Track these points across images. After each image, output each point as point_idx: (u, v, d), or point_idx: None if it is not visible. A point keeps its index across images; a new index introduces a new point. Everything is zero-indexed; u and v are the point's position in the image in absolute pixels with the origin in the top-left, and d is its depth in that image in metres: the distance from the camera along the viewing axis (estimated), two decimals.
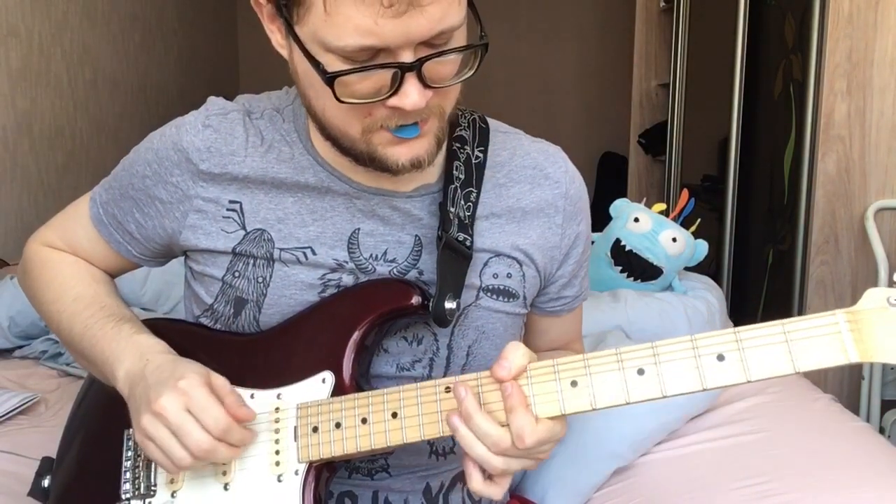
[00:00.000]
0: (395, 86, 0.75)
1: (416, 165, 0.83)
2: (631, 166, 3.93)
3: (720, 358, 0.72)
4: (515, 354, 0.77)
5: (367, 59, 0.74)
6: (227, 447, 0.80)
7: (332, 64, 0.75)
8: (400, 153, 0.82)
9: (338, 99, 0.76)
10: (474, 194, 0.93)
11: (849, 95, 2.17)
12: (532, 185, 0.96)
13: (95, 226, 0.99)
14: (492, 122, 1.00)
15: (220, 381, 0.83)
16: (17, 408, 1.60)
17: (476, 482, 0.77)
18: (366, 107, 0.78)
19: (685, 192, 1.95)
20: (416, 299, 0.87)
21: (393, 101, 0.76)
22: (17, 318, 1.94)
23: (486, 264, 0.93)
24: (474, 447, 0.76)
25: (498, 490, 0.78)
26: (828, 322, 0.71)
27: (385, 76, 0.75)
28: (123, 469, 0.91)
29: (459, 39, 0.77)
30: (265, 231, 0.91)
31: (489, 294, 0.93)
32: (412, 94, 0.75)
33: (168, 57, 4.04)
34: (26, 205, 2.81)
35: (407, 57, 0.73)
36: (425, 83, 0.75)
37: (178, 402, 0.79)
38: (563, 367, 0.76)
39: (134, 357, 0.87)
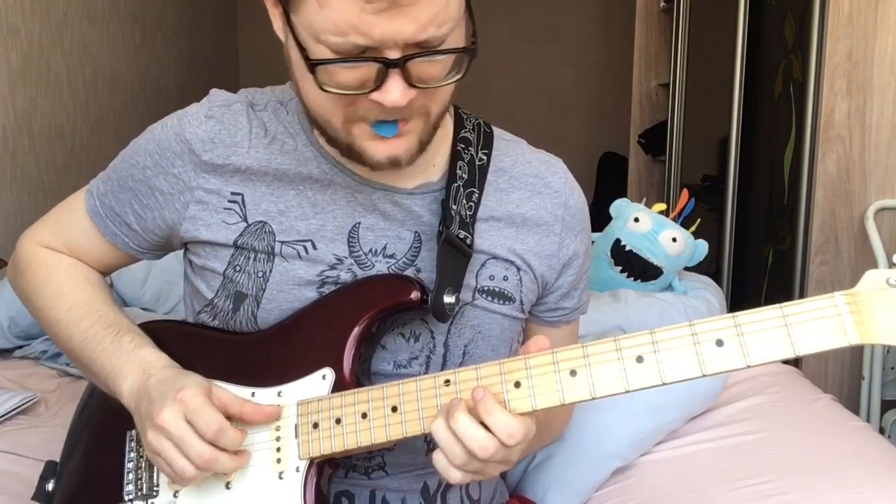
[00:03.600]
0: (379, 81, 0.75)
1: (394, 164, 0.83)
2: (631, 166, 3.93)
3: (719, 343, 0.72)
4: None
5: (357, 53, 0.74)
6: (230, 457, 0.81)
7: (322, 54, 0.75)
8: (378, 150, 0.82)
9: (320, 86, 0.76)
10: (476, 195, 0.93)
11: (849, 95, 2.17)
12: (532, 193, 0.97)
13: (91, 218, 0.99)
14: (495, 130, 1.00)
15: (223, 393, 0.83)
16: (17, 408, 1.60)
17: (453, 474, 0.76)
18: (349, 97, 0.78)
19: (685, 192, 1.95)
20: (415, 294, 0.87)
21: (374, 96, 0.76)
22: (17, 318, 1.93)
23: (483, 266, 0.93)
24: (453, 448, 0.75)
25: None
26: (827, 304, 0.70)
27: (370, 70, 0.75)
28: (126, 470, 0.91)
29: (454, 40, 0.77)
30: (266, 223, 0.91)
31: (484, 295, 0.93)
32: (394, 91, 0.75)
33: (168, 57, 4.04)
34: (26, 205, 2.81)
35: (393, 54, 0.74)
36: (410, 82, 0.76)
37: (177, 412, 0.79)
38: (563, 357, 0.76)
39: (137, 372, 0.87)
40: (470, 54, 0.78)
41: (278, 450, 0.84)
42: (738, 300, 2.73)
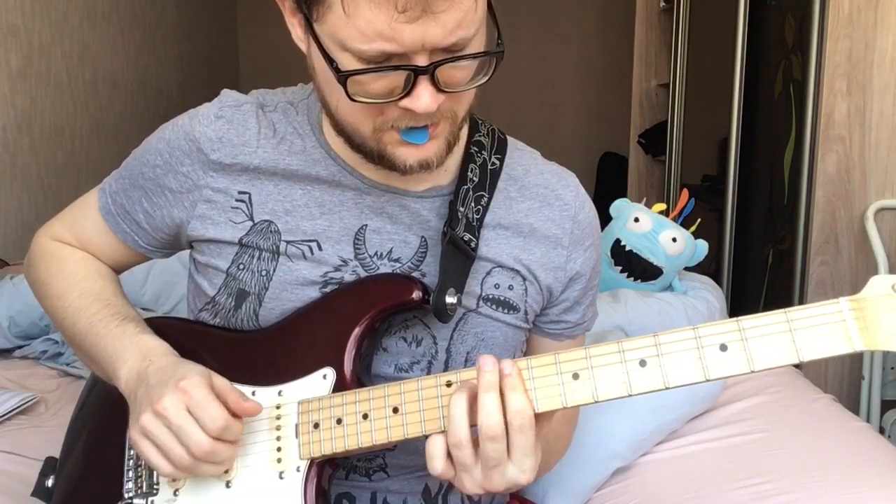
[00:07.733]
0: (408, 88, 0.75)
1: (425, 167, 0.83)
2: (631, 166, 3.93)
3: (723, 348, 0.72)
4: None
5: (383, 60, 0.74)
6: (227, 447, 0.80)
7: (348, 63, 0.75)
8: (408, 154, 0.82)
9: (350, 97, 0.76)
10: (485, 199, 0.93)
11: (849, 95, 2.17)
12: (542, 204, 0.97)
13: (104, 216, 1.00)
14: (509, 138, 1.00)
15: (222, 382, 0.83)
16: (17, 408, 1.60)
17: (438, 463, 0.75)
18: (378, 106, 0.78)
19: (685, 192, 1.95)
20: (416, 294, 0.87)
21: (405, 103, 0.76)
22: (17, 318, 1.93)
23: (488, 273, 0.93)
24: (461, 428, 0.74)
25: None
26: (832, 310, 0.70)
27: (399, 77, 0.75)
28: (126, 468, 0.91)
29: (477, 44, 0.77)
30: (272, 222, 0.91)
31: (489, 304, 0.93)
32: (424, 97, 0.75)
33: (168, 57, 4.04)
34: (26, 205, 2.81)
35: (421, 60, 0.74)
36: (438, 87, 0.76)
37: (179, 401, 0.79)
38: (565, 360, 0.76)
39: (137, 357, 0.87)
40: (497, 57, 0.78)
41: (279, 449, 0.84)
42: (738, 300, 2.73)
